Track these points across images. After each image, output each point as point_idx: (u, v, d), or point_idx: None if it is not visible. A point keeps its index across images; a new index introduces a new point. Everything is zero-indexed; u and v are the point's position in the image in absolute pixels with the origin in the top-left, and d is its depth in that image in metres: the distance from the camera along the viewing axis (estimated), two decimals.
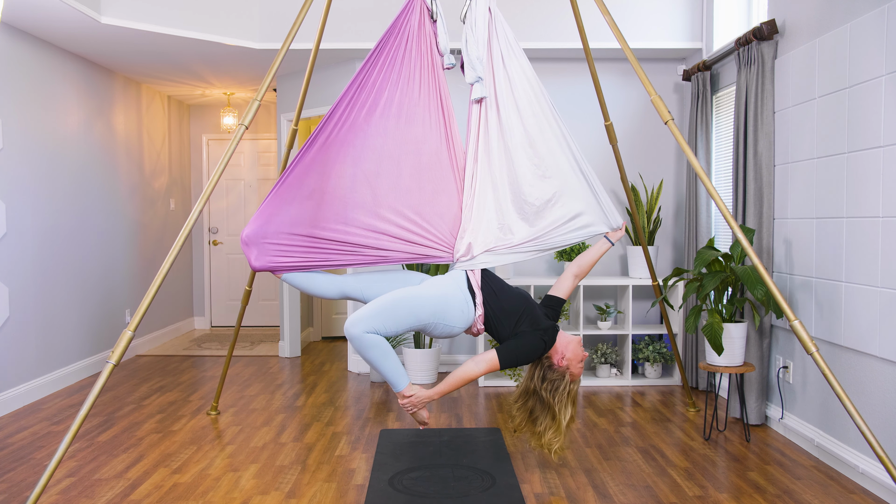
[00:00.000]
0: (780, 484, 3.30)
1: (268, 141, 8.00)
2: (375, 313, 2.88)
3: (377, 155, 3.10)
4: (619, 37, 3.42)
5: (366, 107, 3.10)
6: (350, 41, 5.22)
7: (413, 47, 3.17)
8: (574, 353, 3.11)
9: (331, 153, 3.09)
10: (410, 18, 3.18)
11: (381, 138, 3.10)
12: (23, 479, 3.38)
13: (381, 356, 2.92)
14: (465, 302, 3.04)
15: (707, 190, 3.12)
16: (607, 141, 4.75)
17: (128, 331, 2.89)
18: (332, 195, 3.07)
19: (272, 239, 3.07)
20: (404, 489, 3.21)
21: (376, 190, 3.09)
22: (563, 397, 3.09)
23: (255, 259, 3.07)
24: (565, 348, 3.11)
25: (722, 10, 5.00)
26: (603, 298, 5.64)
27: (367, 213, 3.08)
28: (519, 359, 3.05)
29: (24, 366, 4.78)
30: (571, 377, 3.12)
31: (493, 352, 3.03)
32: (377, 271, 3.22)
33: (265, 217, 3.08)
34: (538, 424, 3.11)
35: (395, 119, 3.12)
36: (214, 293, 8.05)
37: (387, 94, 3.12)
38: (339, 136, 3.09)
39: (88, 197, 5.67)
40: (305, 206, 3.08)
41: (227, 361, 4.53)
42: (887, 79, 3.10)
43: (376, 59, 3.13)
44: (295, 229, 3.07)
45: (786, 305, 2.91)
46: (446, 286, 3.06)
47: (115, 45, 5.21)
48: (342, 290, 3.14)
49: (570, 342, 3.13)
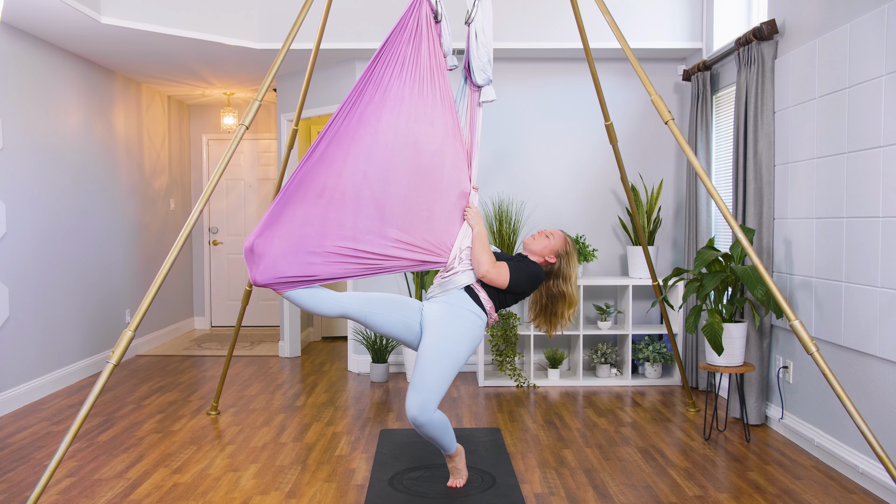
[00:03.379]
0: (780, 484, 3.30)
1: (268, 141, 8.00)
2: (434, 390, 2.97)
3: (388, 151, 3.04)
4: (620, 37, 3.42)
5: (373, 102, 3.05)
6: (350, 41, 5.22)
7: (420, 46, 3.15)
8: (546, 244, 3.20)
9: (341, 148, 3.01)
10: (418, 17, 3.16)
11: (392, 135, 3.06)
12: (23, 479, 3.38)
13: (445, 428, 3.05)
14: (482, 325, 3.12)
15: (707, 190, 3.12)
16: (607, 141, 4.76)
17: (128, 331, 2.89)
18: (344, 192, 2.99)
19: (280, 249, 2.94)
20: (404, 489, 3.21)
21: (387, 188, 3.03)
22: (567, 280, 3.23)
23: (259, 273, 2.94)
24: (543, 251, 3.20)
25: (722, 10, 5.00)
26: (603, 298, 5.64)
27: (375, 214, 3.02)
28: (522, 277, 3.11)
29: (24, 366, 4.78)
30: (557, 255, 3.22)
31: (503, 263, 3.10)
32: (376, 293, 3.17)
33: (273, 222, 2.96)
34: (559, 314, 3.26)
35: (405, 116, 3.08)
36: (214, 293, 8.05)
37: (395, 90, 3.08)
38: (348, 131, 3.02)
39: (88, 197, 5.67)
40: (316, 205, 2.98)
41: (227, 361, 4.53)
42: (887, 79, 3.10)
43: (384, 56, 3.09)
44: (305, 240, 2.96)
45: (786, 305, 2.91)
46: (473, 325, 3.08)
47: (115, 45, 5.21)
48: (344, 310, 3.06)
49: (543, 246, 3.20)
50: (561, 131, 5.65)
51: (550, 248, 3.20)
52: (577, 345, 5.35)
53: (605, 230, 5.66)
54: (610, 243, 5.67)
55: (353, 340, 5.74)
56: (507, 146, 5.60)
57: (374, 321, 3.07)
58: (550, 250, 3.20)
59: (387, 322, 3.08)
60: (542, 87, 5.65)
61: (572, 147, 5.65)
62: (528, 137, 5.65)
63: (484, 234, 3.11)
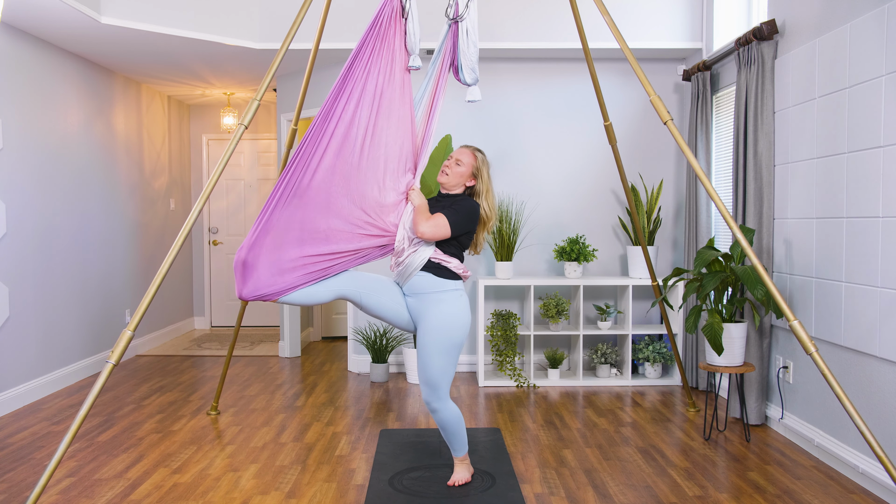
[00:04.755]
0: (780, 484, 3.30)
1: (268, 141, 8.00)
2: (442, 379, 3.07)
3: (353, 145, 3.06)
4: (619, 37, 3.42)
5: (344, 98, 3.06)
6: (350, 41, 5.22)
7: (385, 41, 3.15)
8: (460, 172, 3.20)
9: (318, 147, 3.04)
10: (388, 13, 3.17)
11: (355, 128, 3.07)
12: (23, 479, 3.38)
13: (458, 422, 3.16)
14: (462, 293, 3.17)
15: (707, 191, 3.12)
16: (607, 141, 4.75)
17: (128, 331, 2.89)
18: (317, 190, 3.01)
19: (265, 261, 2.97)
20: (404, 489, 3.21)
21: (351, 181, 3.04)
22: (487, 194, 3.24)
23: (246, 288, 2.96)
24: (461, 179, 3.21)
25: (722, 10, 5.00)
26: (603, 298, 5.64)
27: (346, 208, 3.04)
28: (461, 219, 3.11)
29: (24, 366, 4.78)
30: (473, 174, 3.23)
31: (440, 215, 3.07)
32: (364, 273, 3.20)
33: (261, 232, 2.98)
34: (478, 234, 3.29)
35: (367, 109, 3.09)
36: (214, 293, 8.05)
37: (364, 85, 3.09)
38: (323, 129, 3.05)
39: (88, 197, 5.67)
40: (296, 207, 3.00)
41: (227, 361, 4.53)
42: (887, 79, 3.10)
43: (360, 53, 3.12)
44: (285, 248, 2.98)
45: (785, 305, 2.90)
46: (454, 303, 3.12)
47: (115, 45, 5.21)
48: (338, 293, 3.10)
49: (458, 174, 3.19)
50: (561, 131, 5.65)
51: (466, 174, 3.20)
52: (577, 345, 5.35)
53: (605, 230, 5.66)
54: (610, 243, 5.67)
55: (353, 340, 5.74)
56: (507, 146, 5.60)
57: (369, 302, 3.13)
58: (467, 175, 3.21)
59: (380, 306, 3.14)
60: (541, 87, 5.65)
61: (572, 147, 5.65)
62: (528, 137, 5.65)
63: (423, 207, 3.10)
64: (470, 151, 3.23)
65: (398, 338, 5.53)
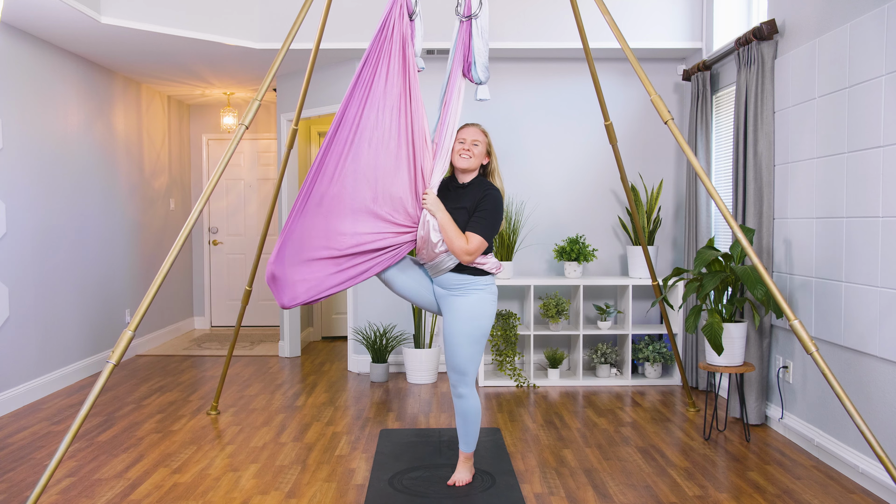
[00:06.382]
0: (780, 484, 3.30)
1: (268, 141, 8.00)
2: (469, 366, 3.13)
3: (370, 147, 3.07)
4: (619, 37, 3.42)
5: (356, 102, 3.09)
6: (350, 41, 5.22)
7: (395, 42, 3.16)
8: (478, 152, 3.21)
9: (335, 153, 3.07)
10: (396, 14, 3.17)
11: (370, 130, 3.09)
12: (23, 479, 3.38)
13: (477, 412, 3.21)
14: (493, 287, 3.22)
15: (707, 190, 3.12)
16: (607, 141, 4.75)
17: (128, 331, 2.89)
18: (341, 198, 3.05)
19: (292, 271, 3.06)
20: (404, 489, 3.21)
21: (374, 184, 3.07)
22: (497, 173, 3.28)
23: (285, 297, 3.08)
24: (480, 158, 3.21)
25: (722, 10, 5.00)
26: (603, 298, 5.64)
27: (369, 213, 3.06)
28: (493, 222, 3.12)
29: (24, 366, 4.78)
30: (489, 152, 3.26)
31: (474, 235, 3.07)
32: None
33: (284, 243, 3.07)
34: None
35: (377, 110, 3.10)
36: (214, 293, 8.05)
37: (376, 87, 3.10)
38: (340, 134, 3.08)
39: (88, 197, 5.67)
40: (318, 215, 3.06)
41: (227, 361, 4.53)
42: (887, 79, 3.10)
43: (369, 56, 3.14)
44: (311, 252, 3.05)
45: (785, 305, 2.91)
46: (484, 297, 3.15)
47: (115, 45, 5.21)
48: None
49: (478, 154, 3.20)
50: (561, 131, 5.65)
51: (484, 152, 3.22)
52: (577, 345, 5.35)
53: (605, 230, 5.66)
54: (610, 243, 5.67)
55: (353, 340, 5.74)
56: (507, 146, 5.59)
57: (397, 282, 3.19)
58: (484, 153, 3.23)
59: (405, 287, 3.20)
60: (542, 87, 5.65)
61: (572, 147, 5.65)
62: (528, 137, 5.65)
63: (448, 220, 3.08)
64: (479, 129, 3.25)
65: (398, 338, 5.53)
